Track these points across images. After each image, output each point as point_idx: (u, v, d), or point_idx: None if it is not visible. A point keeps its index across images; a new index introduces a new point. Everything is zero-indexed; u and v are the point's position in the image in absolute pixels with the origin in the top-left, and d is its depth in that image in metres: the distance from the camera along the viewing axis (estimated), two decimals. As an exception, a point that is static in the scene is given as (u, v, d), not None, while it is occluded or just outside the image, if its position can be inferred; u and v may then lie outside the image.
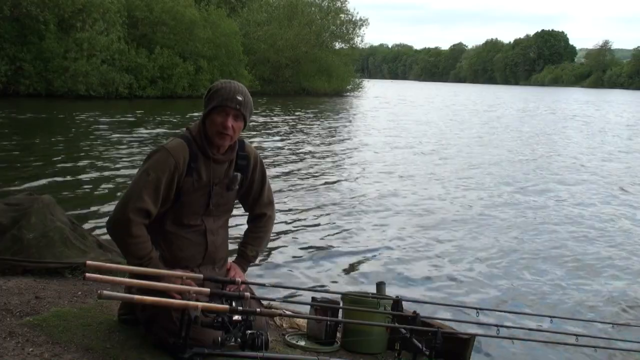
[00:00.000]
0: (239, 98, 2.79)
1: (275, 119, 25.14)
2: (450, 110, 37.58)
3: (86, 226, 4.86)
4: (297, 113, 29.35)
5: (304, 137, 19.22)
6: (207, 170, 2.81)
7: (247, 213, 3.16)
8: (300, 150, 15.81)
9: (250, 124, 3.03)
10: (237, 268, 3.02)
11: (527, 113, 37.55)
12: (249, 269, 3.19)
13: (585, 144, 20.63)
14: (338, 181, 11.66)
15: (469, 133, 22.94)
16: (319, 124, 24.13)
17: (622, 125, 30.46)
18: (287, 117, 26.75)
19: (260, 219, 3.11)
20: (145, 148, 13.94)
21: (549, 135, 23.59)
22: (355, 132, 22.40)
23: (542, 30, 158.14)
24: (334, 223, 8.29)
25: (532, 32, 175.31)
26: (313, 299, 3.37)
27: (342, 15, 53.85)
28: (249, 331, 2.37)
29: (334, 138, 19.54)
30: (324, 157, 14.86)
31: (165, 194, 2.73)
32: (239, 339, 2.36)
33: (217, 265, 2.96)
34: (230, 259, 3.11)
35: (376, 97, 51.54)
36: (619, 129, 28.06)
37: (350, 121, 27.59)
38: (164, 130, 18.20)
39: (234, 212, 3.10)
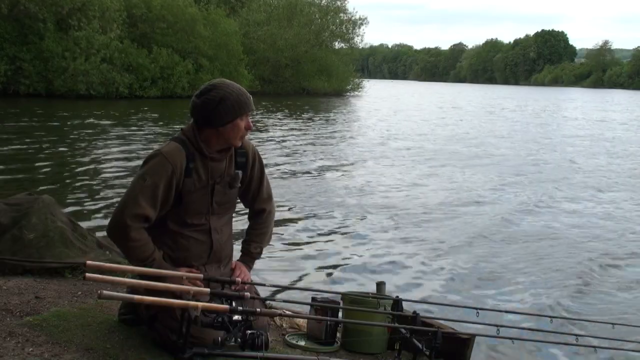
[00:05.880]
0: (251, 99, 2.86)
1: (275, 119, 25.13)
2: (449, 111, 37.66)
3: (86, 226, 4.86)
4: (296, 112, 29.34)
5: (304, 136, 19.22)
6: (205, 170, 2.81)
7: (247, 209, 3.16)
8: (300, 150, 15.81)
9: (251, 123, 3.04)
10: (242, 266, 3.02)
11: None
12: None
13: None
14: (338, 181, 11.67)
15: (468, 133, 22.98)
16: (318, 124, 24.13)
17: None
18: (286, 116, 26.74)
19: (260, 215, 3.11)
20: (145, 148, 13.93)
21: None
22: (355, 131, 22.39)
23: (542, 30, 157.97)
24: (334, 223, 8.29)
25: (532, 32, 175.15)
26: (313, 299, 3.36)
27: (342, 15, 53.84)
28: (249, 331, 2.37)
29: (333, 138, 19.53)
30: (324, 157, 14.86)
31: (163, 198, 2.73)
32: (239, 339, 2.35)
33: (222, 264, 2.96)
34: (235, 258, 3.11)
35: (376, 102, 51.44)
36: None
37: (350, 121, 27.58)
38: (164, 130, 18.20)
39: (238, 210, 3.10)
